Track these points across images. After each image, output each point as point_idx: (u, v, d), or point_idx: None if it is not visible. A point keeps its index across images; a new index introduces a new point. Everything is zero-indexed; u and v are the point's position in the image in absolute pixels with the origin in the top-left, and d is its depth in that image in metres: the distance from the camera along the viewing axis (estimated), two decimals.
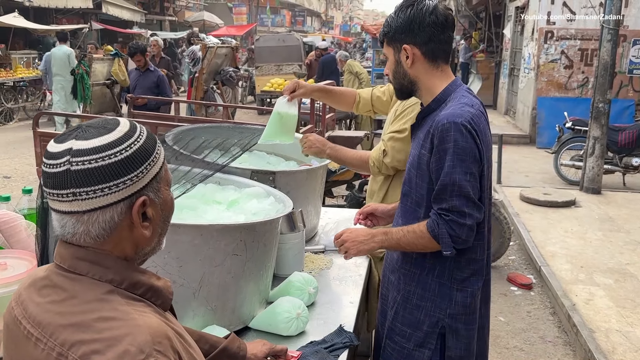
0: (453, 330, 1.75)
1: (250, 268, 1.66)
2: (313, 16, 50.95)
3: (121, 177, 0.93)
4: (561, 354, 3.73)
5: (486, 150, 1.68)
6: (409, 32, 1.73)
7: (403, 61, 1.76)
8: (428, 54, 1.74)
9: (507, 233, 4.92)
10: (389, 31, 1.77)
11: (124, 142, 0.95)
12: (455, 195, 1.63)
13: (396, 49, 1.77)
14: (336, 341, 1.68)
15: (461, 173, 1.62)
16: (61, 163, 0.92)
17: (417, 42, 1.73)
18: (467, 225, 1.63)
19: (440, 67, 1.77)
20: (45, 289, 0.96)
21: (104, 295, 0.93)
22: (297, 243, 2.14)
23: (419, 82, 1.78)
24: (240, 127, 2.92)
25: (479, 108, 1.72)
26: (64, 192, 0.92)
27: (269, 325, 1.71)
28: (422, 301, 1.77)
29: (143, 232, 0.98)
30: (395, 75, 1.81)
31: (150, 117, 6.50)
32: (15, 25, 14.61)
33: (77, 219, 0.94)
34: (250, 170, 2.25)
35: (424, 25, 1.72)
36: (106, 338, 0.88)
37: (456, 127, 1.62)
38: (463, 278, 1.74)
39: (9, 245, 1.78)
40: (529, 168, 8.71)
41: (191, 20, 27.88)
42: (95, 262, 0.95)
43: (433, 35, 1.73)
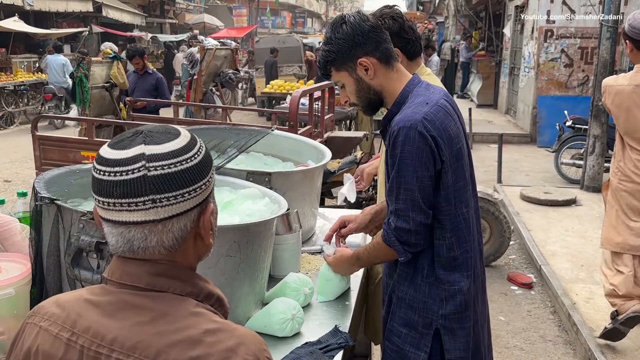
0: (448, 330, 1.75)
1: (244, 269, 1.66)
2: (313, 17, 50.98)
3: (197, 182, 0.91)
4: (561, 353, 3.72)
5: (447, 148, 1.65)
6: (356, 45, 1.70)
7: (363, 76, 1.73)
8: (382, 58, 1.73)
9: (507, 232, 4.91)
10: (335, 57, 1.72)
11: (194, 147, 0.93)
12: (402, 199, 1.65)
13: (350, 69, 1.73)
14: (331, 342, 1.67)
15: (408, 177, 1.63)
16: (135, 169, 0.87)
17: (368, 51, 1.71)
18: (411, 230, 1.66)
19: (395, 67, 1.76)
20: (121, 311, 0.89)
21: (195, 309, 0.91)
22: (293, 244, 2.14)
23: (384, 90, 1.76)
24: (237, 129, 2.92)
25: (437, 102, 1.69)
26: (140, 200, 0.87)
27: (264, 326, 1.71)
28: (414, 302, 1.78)
29: (210, 241, 0.97)
30: (359, 94, 1.77)
31: (150, 119, 6.51)
32: (15, 29, 14.65)
33: (150, 229, 0.89)
34: (245, 172, 2.24)
35: (365, 33, 1.70)
36: (221, 350, 0.86)
37: (404, 132, 1.61)
38: (447, 276, 1.73)
39: (4, 248, 1.78)
40: (529, 167, 8.70)
41: (192, 23, 27.93)
42: (173, 276, 0.92)
43: (378, 38, 1.71)
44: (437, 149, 1.63)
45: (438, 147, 1.63)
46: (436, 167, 1.65)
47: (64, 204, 1.51)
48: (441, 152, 1.64)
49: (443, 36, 22.77)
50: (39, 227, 1.58)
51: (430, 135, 1.61)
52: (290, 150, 2.87)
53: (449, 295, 1.74)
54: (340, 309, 1.94)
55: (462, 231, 1.73)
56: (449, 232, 1.71)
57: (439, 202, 1.69)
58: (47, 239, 1.56)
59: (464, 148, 1.75)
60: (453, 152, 1.68)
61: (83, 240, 1.45)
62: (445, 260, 1.73)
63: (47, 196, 1.52)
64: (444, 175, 1.67)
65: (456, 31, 20.18)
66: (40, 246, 1.59)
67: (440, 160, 1.65)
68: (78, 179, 1.82)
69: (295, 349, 1.63)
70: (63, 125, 11.73)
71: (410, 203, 1.64)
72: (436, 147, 1.63)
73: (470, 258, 1.77)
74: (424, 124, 1.61)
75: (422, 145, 1.61)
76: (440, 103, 1.70)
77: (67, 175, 1.81)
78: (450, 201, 1.69)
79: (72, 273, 1.48)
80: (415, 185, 1.63)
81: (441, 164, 1.65)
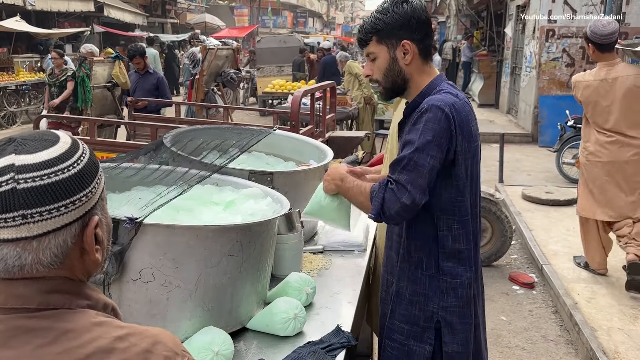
0: (448, 324, 1.76)
1: (246, 269, 1.66)
2: (315, 17, 50.97)
3: (77, 193, 0.83)
4: (563, 353, 3.71)
5: (465, 141, 1.68)
6: (407, 27, 1.72)
7: (400, 58, 1.74)
8: (423, 51, 1.76)
9: (508, 232, 4.91)
10: (383, 28, 1.73)
11: (73, 155, 0.85)
12: (407, 170, 1.62)
13: (391, 45, 1.74)
14: (333, 341, 1.67)
15: (423, 153, 1.61)
16: (3, 182, 0.79)
17: (414, 39, 1.73)
18: (401, 201, 1.60)
19: (429, 63, 1.79)
20: (15, 338, 0.80)
21: (97, 319, 0.85)
22: (295, 243, 2.14)
23: (412, 80, 1.78)
24: (239, 129, 2.92)
25: (463, 99, 1.72)
26: (10, 216, 0.79)
27: (266, 325, 1.71)
28: (414, 296, 1.78)
29: (96, 257, 0.89)
30: (387, 74, 1.78)
31: (151, 119, 6.52)
32: (17, 29, 14.67)
33: (24, 247, 0.81)
34: (248, 171, 2.24)
35: (421, 21, 1.73)
36: (137, 353, 0.82)
37: (434, 110, 1.63)
38: (450, 268, 1.74)
39: None
40: (531, 167, 8.69)
41: (193, 23, 27.94)
42: (66, 291, 0.86)
43: (427, 31, 1.75)
44: (455, 137, 1.64)
45: (457, 135, 1.64)
46: (448, 156, 1.65)
47: None
48: (458, 141, 1.65)
49: (444, 36, 22.76)
50: None
51: (455, 121, 1.63)
52: (292, 150, 2.88)
53: (450, 287, 1.74)
54: (342, 308, 1.94)
55: (469, 226, 1.74)
56: (456, 223, 1.72)
57: (450, 192, 1.70)
58: None
59: (479, 148, 1.77)
60: (471, 148, 1.70)
61: None
62: (450, 252, 1.74)
63: None
64: (457, 166, 1.68)
65: (457, 31, 20.17)
66: None
67: (454, 150, 1.66)
68: None
69: (297, 348, 1.63)
70: None
71: (415, 178, 1.61)
72: (455, 135, 1.64)
73: (473, 255, 1.77)
74: (453, 110, 1.64)
75: (446, 127, 1.62)
76: (466, 101, 1.74)
77: None
78: (461, 193, 1.71)
79: None
80: (428, 163, 1.61)
81: (454, 155, 1.66)
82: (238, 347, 1.62)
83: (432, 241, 1.75)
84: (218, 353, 1.49)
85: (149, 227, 1.46)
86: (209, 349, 1.49)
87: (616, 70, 4.03)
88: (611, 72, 4.04)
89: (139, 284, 1.49)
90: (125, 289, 1.49)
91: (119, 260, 1.45)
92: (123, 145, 5.22)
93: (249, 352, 1.63)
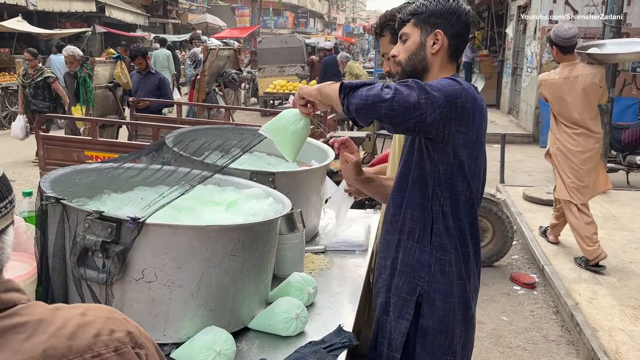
0: (430, 298, 1.75)
1: (248, 269, 1.66)
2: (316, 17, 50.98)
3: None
4: (564, 353, 3.71)
5: (478, 133, 1.69)
6: (445, 20, 1.76)
7: (429, 45, 1.77)
8: (452, 47, 1.78)
9: (510, 232, 4.91)
10: (423, 11, 1.77)
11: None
12: (407, 85, 1.59)
13: (425, 31, 1.77)
14: (335, 341, 1.68)
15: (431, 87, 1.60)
16: None
17: (448, 33, 1.76)
18: (382, 94, 1.56)
19: (452, 64, 1.82)
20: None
21: (50, 306, 0.90)
22: (296, 243, 2.15)
23: (431, 71, 1.80)
24: (241, 129, 2.92)
25: (480, 96, 1.73)
26: None
27: (268, 325, 1.72)
28: (403, 266, 1.79)
29: None
30: (412, 57, 1.80)
31: (153, 119, 6.53)
32: (19, 29, 14.69)
33: None
34: (249, 171, 2.25)
35: (460, 20, 1.77)
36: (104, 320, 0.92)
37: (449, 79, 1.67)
38: (441, 244, 1.74)
39: None
40: (532, 167, 8.69)
41: (194, 23, 27.97)
42: (13, 288, 0.88)
43: (462, 33, 1.78)
44: (460, 112, 1.63)
45: (462, 113, 1.63)
46: (449, 124, 1.63)
47: (70, 204, 1.52)
48: (460, 121, 1.64)
49: None
50: (45, 227, 1.59)
51: (467, 99, 1.64)
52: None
53: (438, 263, 1.74)
54: (343, 308, 1.95)
55: (461, 207, 1.73)
56: (449, 201, 1.72)
57: (445, 167, 1.70)
58: (53, 238, 1.56)
59: (484, 147, 1.77)
60: (479, 139, 1.71)
61: (89, 240, 1.45)
62: (443, 227, 1.73)
63: (52, 195, 1.53)
64: (455, 145, 1.67)
65: None
66: (46, 245, 1.60)
67: (456, 125, 1.64)
68: (83, 178, 1.83)
69: (299, 348, 1.64)
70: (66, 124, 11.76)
71: (423, 89, 1.59)
72: (461, 110, 1.63)
73: (470, 237, 1.77)
74: (468, 88, 1.67)
75: (455, 94, 1.62)
76: (482, 100, 1.75)
77: (72, 175, 1.82)
78: (457, 173, 1.70)
79: (78, 272, 1.49)
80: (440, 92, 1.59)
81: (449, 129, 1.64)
82: (240, 346, 1.63)
83: (426, 213, 1.75)
84: (220, 353, 1.49)
85: (152, 227, 1.47)
86: (211, 348, 1.49)
87: (577, 70, 4.56)
88: (573, 71, 4.55)
89: (141, 284, 1.49)
90: (128, 288, 1.49)
91: (121, 260, 1.46)
92: (125, 145, 5.24)
93: (251, 351, 1.63)
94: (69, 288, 1.57)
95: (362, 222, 2.73)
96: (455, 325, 1.78)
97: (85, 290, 1.51)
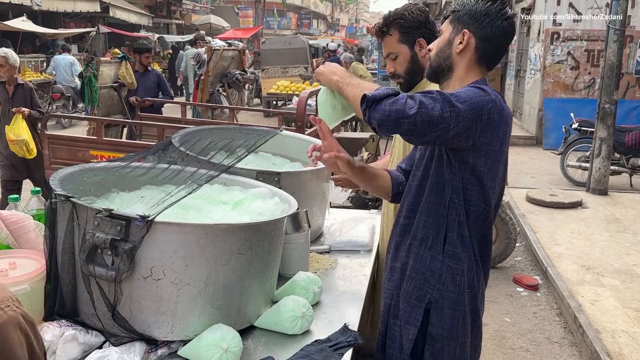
0: (439, 306, 1.74)
1: (255, 267, 1.68)
2: (319, 19, 51.01)
3: None
4: (567, 355, 3.72)
5: (502, 142, 1.67)
6: (476, 20, 1.71)
7: (455, 44, 1.73)
8: (480, 51, 1.73)
9: (513, 234, 4.92)
10: (460, 10, 1.75)
11: None
12: (432, 97, 1.55)
13: (456, 29, 1.74)
14: (341, 340, 1.69)
15: (462, 97, 1.57)
16: None
17: (476, 34, 1.71)
18: (405, 108, 1.52)
19: (481, 69, 1.76)
20: None
21: None
22: (301, 243, 2.16)
23: (455, 72, 1.76)
24: (246, 129, 2.94)
25: (507, 105, 1.72)
26: None
27: (274, 324, 1.73)
28: (413, 273, 1.78)
29: None
30: (439, 53, 1.77)
31: (157, 119, 6.55)
32: (23, 29, 14.74)
33: None
34: (255, 171, 2.26)
35: (494, 24, 1.71)
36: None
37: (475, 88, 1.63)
38: (454, 253, 1.73)
39: (18, 245, 1.80)
40: (535, 169, 8.69)
41: (198, 24, 28.01)
42: None
43: (494, 38, 1.72)
44: (485, 124, 1.60)
45: (487, 125, 1.61)
46: (473, 136, 1.60)
47: (80, 202, 1.53)
48: (485, 132, 1.62)
49: None
50: (54, 224, 1.61)
51: (493, 110, 1.61)
52: (298, 151, 2.89)
53: (449, 271, 1.72)
54: (348, 308, 1.96)
55: (477, 217, 1.72)
56: (464, 210, 1.70)
57: (464, 175, 1.68)
58: (62, 235, 1.58)
59: (507, 156, 1.76)
60: (502, 149, 1.68)
61: (98, 237, 1.47)
62: (458, 237, 1.72)
63: (62, 194, 1.55)
64: (477, 156, 1.65)
65: None
66: (55, 243, 1.61)
67: (481, 137, 1.62)
68: (91, 177, 1.84)
69: (305, 346, 1.65)
70: (70, 124, 11.80)
71: (446, 102, 1.54)
72: (486, 122, 1.60)
73: (480, 248, 1.76)
74: (496, 102, 1.63)
75: (483, 104, 1.59)
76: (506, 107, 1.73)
77: (81, 173, 1.84)
78: (475, 182, 1.68)
79: (87, 269, 1.50)
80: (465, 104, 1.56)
81: (473, 140, 1.62)
82: (246, 344, 1.64)
83: (441, 221, 1.73)
84: (227, 350, 1.50)
85: (160, 225, 1.48)
86: (218, 346, 1.50)
87: None
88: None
89: (149, 282, 1.51)
90: (136, 286, 1.51)
91: (130, 258, 1.47)
92: (130, 145, 5.25)
93: (257, 349, 1.64)
94: (77, 285, 1.58)
95: (367, 223, 2.74)
96: (464, 333, 1.78)
97: (94, 287, 1.52)
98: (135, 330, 1.54)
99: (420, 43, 2.22)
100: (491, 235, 1.81)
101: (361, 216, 3.02)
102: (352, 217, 2.93)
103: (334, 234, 2.59)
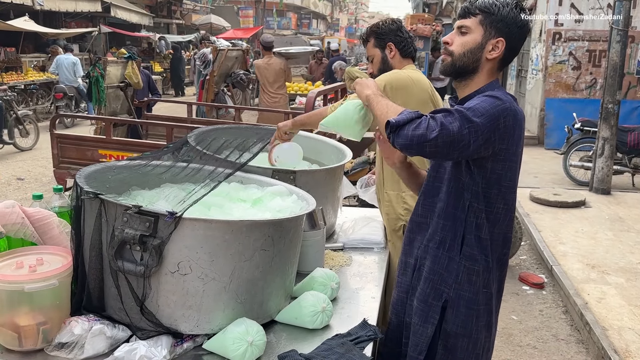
0: (455, 305, 1.79)
1: (277, 263, 1.71)
2: (319, 19, 51.02)
3: None
4: (574, 352, 3.76)
5: (517, 145, 1.71)
6: (511, 30, 1.73)
7: (487, 50, 1.74)
8: (504, 57, 1.77)
9: (518, 233, 4.95)
10: (494, 13, 1.72)
11: None
12: (452, 115, 1.61)
13: (489, 34, 1.73)
14: (361, 334, 1.72)
15: (474, 112, 1.61)
16: None
17: (508, 44, 1.74)
18: (427, 133, 1.58)
19: (499, 73, 1.82)
20: None
21: None
22: (318, 240, 2.19)
23: (478, 75, 1.78)
24: (259, 128, 2.97)
25: (520, 108, 1.74)
26: None
27: (295, 318, 1.76)
28: (430, 274, 1.82)
29: None
30: (467, 54, 1.75)
31: (165, 119, 6.59)
32: (25, 29, 14.75)
33: None
34: (271, 170, 2.30)
35: (522, 36, 1.76)
36: None
37: (490, 97, 1.66)
38: (471, 254, 1.76)
39: (43, 241, 1.83)
40: (537, 169, 8.73)
41: (198, 24, 28.02)
42: None
43: (517, 47, 1.77)
44: (502, 131, 1.64)
45: (504, 132, 1.65)
46: (492, 145, 1.65)
47: (108, 198, 1.56)
48: (502, 139, 1.66)
49: None
50: (81, 221, 1.64)
51: (509, 117, 1.65)
52: (310, 150, 2.92)
53: (466, 272, 1.76)
54: (366, 303, 1.99)
55: (491, 220, 1.75)
56: (484, 214, 1.74)
57: (482, 180, 1.71)
58: (89, 232, 1.61)
59: (521, 157, 1.79)
60: (517, 151, 1.72)
61: (127, 233, 1.50)
62: (475, 239, 1.75)
63: (91, 191, 1.58)
64: (495, 161, 1.69)
65: None
66: (81, 239, 1.64)
67: (499, 144, 1.66)
68: (115, 175, 1.88)
69: (326, 340, 1.68)
70: (73, 124, 11.83)
71: (465, 120, 1.59)
72: (503, 130, 1.64)
73: (502, 247, 1.80)
74: (510, 108, 1.67)
75: (499, 114, 1.63)
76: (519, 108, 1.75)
77: (105, 171, 1.87)
78: (493, 186, 1.72)
79: (115, 265, 1.54)
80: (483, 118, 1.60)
81: (493, 149, 1.66)
82: (268, 338, 1.67)
83: (459, 223, 1.77)
84: (252, 343, 1.54)
85: (188, 222, 1.51)
86: (243, 339, 1.54)
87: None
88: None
89: (176, 276, 1.54)
90: (164, 280, 1.54)
91: (158, 253, 1.50)
92: (138, 144, 5.29)
93: (279, 343, 1.68)
94: (105, 280, 1.61)
95: (379, 221, 2.78)
96: (478, 330, 1.82)
97: (122, 282, 1.56)
98: (162, 324, 1.57)
99: (389, 46, 2.70)
100: (512, 233, 1.84)
101: (372, 215, 3.05)
102: (363, 216, 2.96)
103: (347, 232, 2.63)
